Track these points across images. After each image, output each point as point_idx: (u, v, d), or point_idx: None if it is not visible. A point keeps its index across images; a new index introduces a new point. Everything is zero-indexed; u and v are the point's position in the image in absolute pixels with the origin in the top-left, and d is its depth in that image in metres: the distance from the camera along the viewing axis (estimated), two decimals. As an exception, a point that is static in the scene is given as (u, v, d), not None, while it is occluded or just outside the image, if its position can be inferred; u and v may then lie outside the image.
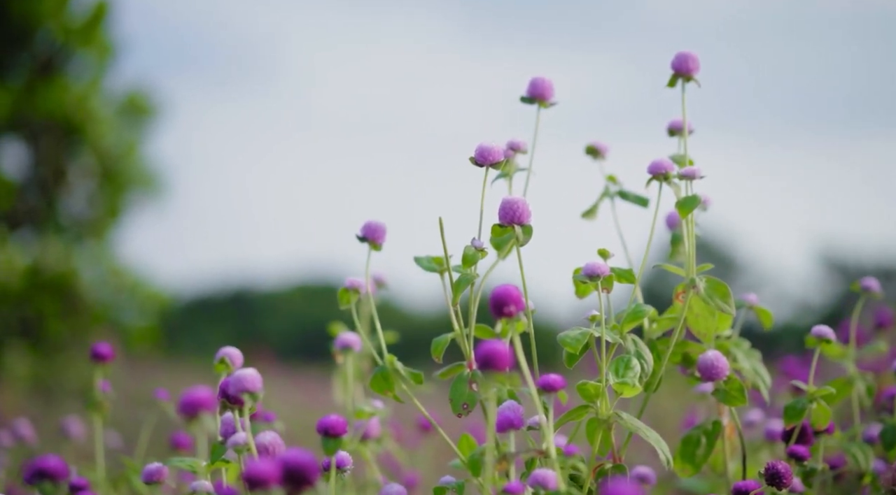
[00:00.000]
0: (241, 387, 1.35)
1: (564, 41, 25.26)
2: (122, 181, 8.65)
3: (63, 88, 8.19)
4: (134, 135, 8.81)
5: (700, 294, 1.52)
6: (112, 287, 8.89)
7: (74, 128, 8.32)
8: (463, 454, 1.59)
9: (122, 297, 9.08)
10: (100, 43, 8.37)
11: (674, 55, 1.59)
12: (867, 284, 1.81)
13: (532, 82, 1.62)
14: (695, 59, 1.58)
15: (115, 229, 8.90)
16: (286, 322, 16.14)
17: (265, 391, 1.42)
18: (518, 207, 1.46)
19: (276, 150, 24.56)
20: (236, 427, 1.44)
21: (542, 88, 1.62)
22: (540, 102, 1.63)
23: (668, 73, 1.59)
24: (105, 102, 8.63)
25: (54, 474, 1.22)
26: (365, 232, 1.60)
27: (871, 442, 1.84)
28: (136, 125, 8.82)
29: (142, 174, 8.85)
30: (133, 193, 8.85)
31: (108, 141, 8.55)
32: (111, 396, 2.00)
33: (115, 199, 8.69)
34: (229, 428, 1.51)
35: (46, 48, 8.38)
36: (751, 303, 1.73)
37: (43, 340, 8.02)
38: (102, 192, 8.68)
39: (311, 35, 27.84)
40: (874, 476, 1.77)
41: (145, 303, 9.17)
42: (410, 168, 23.59)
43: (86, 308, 8.40)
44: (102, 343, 1.99)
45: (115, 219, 8.77)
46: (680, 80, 1.59)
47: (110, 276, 8.81)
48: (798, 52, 22.08)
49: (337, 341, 1.75)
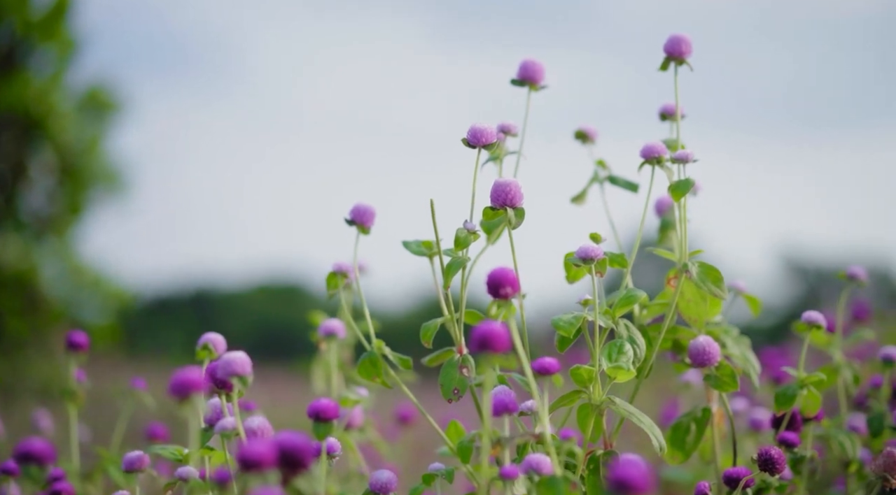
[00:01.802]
0: (230, 371, 1.32)
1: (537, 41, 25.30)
2: (83, 177, 8.53)
3: (24, 83, 8.07)
4: (96, 130, 8.70)
5: (693, 278, 1.51)
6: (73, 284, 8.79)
7: (35, 123, 8.20)
8: (451, 441, 1.57)
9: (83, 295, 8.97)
10: (62, 37, 8.26)
11: (666, 38, 1.57)
12: (854, 272, 1.81)
13: (522, 65, 1.60)
14: (687, 42, 1.57)
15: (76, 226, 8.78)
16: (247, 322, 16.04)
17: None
18: (510, 190, 1.44)
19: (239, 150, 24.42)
20: (223, 412, 1.40)
21: (533, 71, 1.60)
22: (530, 85, 1.61)
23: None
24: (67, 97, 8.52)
25: (41, 457, 1.18)
26: (353, 215, 1.57)
27: (855, 431, 1.83)
28: (99, 120, 8.72)
29: (104, 170, 8.74)
30: (95, 190, 8.74)
31: (70, 136, 8.44)
32: (86, 386, 1.96)
33: (77, 196, 8.57)
34: (214, 415, 1.48)
35: (7, 42, 8.27)
36: (739, 289, 1.72)
37: (2, 338, 7.91)
38: (64, 189, 8.57)
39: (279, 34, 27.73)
40: (860, 464, 1.76)
41: (106, 302, 9.07)
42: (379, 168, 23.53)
43: (46, 306, 8.29)
44: (77, 332, 1.95)
45: (76, 215, 8.65)
46: (672, 63, 1.57)
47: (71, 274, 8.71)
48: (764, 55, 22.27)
49: (321, 328, 1.73)
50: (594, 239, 1.50)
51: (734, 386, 1.53)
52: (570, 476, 1.28)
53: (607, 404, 1.44)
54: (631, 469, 1.01)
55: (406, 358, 1.56)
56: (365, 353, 1.55)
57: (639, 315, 1.61)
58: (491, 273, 1.29)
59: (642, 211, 1.54)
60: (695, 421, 1.63)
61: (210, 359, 1.57)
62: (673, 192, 1.49)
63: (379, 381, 1.55)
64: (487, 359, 1.17)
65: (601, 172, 1.73)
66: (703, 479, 1.96)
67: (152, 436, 2.08)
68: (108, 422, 3.36)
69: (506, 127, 1.57)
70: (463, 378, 1.48)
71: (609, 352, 1.45)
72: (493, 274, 1.28)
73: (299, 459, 1.13)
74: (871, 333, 1.90)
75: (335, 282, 1.59)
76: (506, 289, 1.28)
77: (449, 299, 1.51)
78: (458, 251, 1.47)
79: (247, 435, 1.34)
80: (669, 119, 1.65)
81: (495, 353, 1.18)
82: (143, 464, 1.56)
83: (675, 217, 1.54)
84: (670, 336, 1.61)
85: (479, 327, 1.18)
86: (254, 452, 1.09)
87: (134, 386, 1.99)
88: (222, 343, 1.57)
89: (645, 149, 1.52)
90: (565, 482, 1.24)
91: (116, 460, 1.92)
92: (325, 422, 1.33)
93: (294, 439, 1.13)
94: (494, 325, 1.18)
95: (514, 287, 1.28)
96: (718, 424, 1.69)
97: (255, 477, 1.09)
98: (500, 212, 1.44)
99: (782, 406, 1.59)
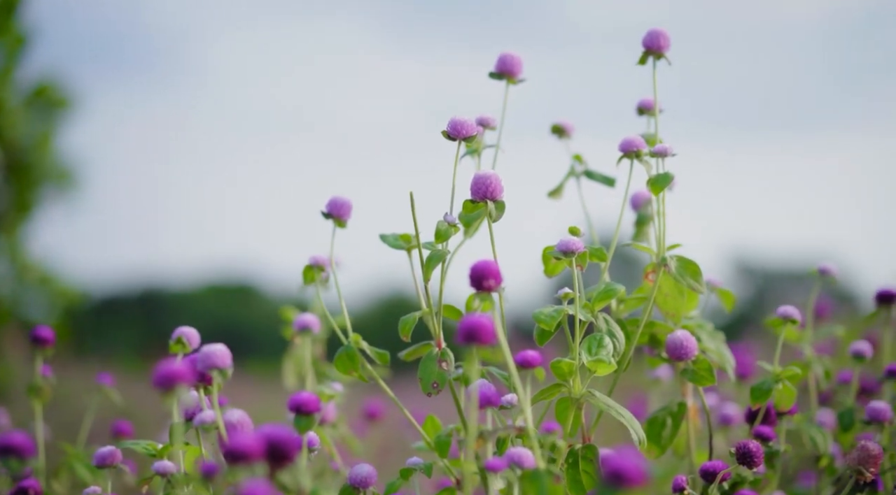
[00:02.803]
0: (209, 364, 1.31)
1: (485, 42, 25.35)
2: (33, 174, 8.42)
3: (-28, 78, 7.96)
4: (46, 127, 8.58)
5: (672, 273, 1.51)
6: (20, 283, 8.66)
7: (-18, 119, 8.09)
8: (429, 435, 1.56)
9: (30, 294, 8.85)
10: (10, 32, 8.14)
11: (645, 32, 1.57)
12: (825, 268, 1.82)
13: (501, 58, 1.60)
14: (665, 37, 1.57)
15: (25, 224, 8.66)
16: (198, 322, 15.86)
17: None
18: (491, 182, 1.43)
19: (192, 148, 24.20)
20: (202, 405, 1.39)
21: (511, 64, 1.60)
22: (508, 78, 1.60)
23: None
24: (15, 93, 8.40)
25: (21, 450, 1.16)
26: (330, 208, 1.56)
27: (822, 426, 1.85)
28: (49, 117, 8.59)
29: (54, 168, 8.62)
30: (45, 187, 8.62)
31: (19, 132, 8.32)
32: (51, 381, 1.93)
33: (26, 193, 8.45)
34: (190, 409, 1.46)
35: (-47, 37, 8.14)
36: (714, 284, 1.72)
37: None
38: (12, 186, 8.45)
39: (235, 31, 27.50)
40: (831, 458, 1.78)
41: (54, 300, 8.95)
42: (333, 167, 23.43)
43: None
44: (43, 326, 1.92)
45: (25, 213, 8.53)
46: (651, 57, 1.58)
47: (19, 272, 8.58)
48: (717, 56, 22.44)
49: (296, 322, 1.71)
50: (573, 232, 1.50)
51: (711, 380, 1.53)
52: (553, 469, 1.27)
53: (587, 398, 1.44)
54: (626, 461, 1.01)
55: (383, 352, 1.55)
56: (342, 347, 1.54)
57: (616, 309, 1.61)
58: (474, 265, 1.28)
59: (621, 205, 1.54)
60: (671, 415, 1.63)
61: (184, 353, 1.55)
62: (652, 186, 1.49)
63: (356, 375, 1.54)
64: (474, 352, 1.17)
65: (578, 167, 1.73)
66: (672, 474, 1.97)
67: (118, 433, 2.05)
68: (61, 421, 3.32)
69: (484, 120, 1.57)
70: (442, 372, 1.47)
71: (589, 345, 1.45)
72: (476, 266, 1.27)
73: (286, 452, 1.12)
74: (841, 329, 1.92)
75: (311, 276, 1.57)
76: (489, 282, 1.27)
77: (428, 293, 1.51)
78: (438, 244, 1.46)
79: (227, 428, 1.32)
80: (647, 113, 1.65)
81: (482, 345, 1.17)
82: (116, 460, 1.54)
83: (653, 211, 1.54)
84: (647, 330, 1.62)
85: (465, 319, 1.17)
86: (242, 444, 1.07)
87: (101, 381, 1.96)
88: (196, 336, 1.56)
89: (624, 143, 1.52)
90: (548, 475, 1.24)
91: (82, 457, 1.90)
92: (306, 416, 1.32)
93: (281, 432, 1.11)
94: (481, 317, 1.18)
95: (497, 279, 1.28)
96: (693, 419, 1.70)
97: (242, 469, 1.08)
98: (481, 204, 1.44)
99: (758, 400, 1.60)
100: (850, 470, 1.53)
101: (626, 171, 1.53)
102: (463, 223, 1.46)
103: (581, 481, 1.45)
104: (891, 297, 1.94)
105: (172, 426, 1.47)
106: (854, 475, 1.52)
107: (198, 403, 1.41)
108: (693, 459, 1.70)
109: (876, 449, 1.52)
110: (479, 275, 1.27)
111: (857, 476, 1.51)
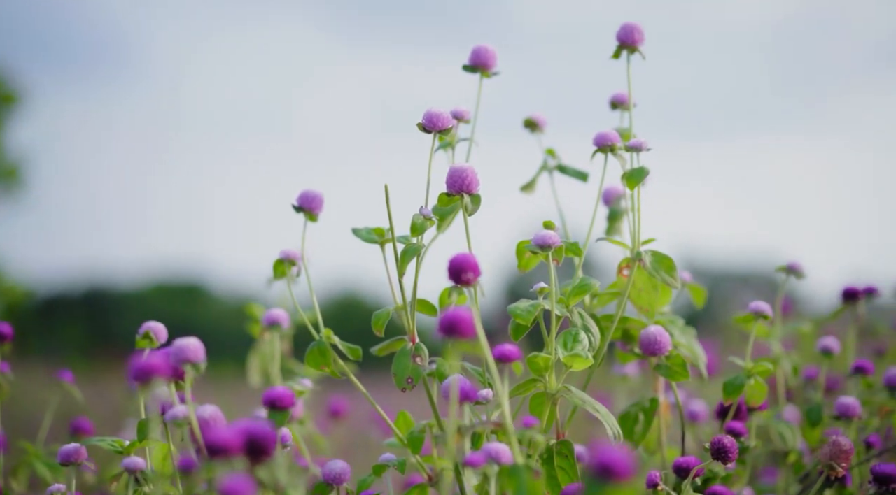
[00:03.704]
0: (183, 358, 1.28)
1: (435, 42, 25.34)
2: (-23, 171, 8.30)
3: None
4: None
5: (647, 268, 1.51)
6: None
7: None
8: (401, 431, 1.55)
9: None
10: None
11: (619, 26, 1.57)
12: (793, 264, 1.82)
13: (475, 51, 1.59)
14: (640, 31, 1.56)
15: (-31, 221, 8.54)
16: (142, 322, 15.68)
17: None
18: (467, 175, 1.42)
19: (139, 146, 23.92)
20: (174, 401, 1.36)
21: (485, 57, 1.58)
22: (482, 72, 1.59)
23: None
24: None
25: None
26: (301, 201, 1.53)
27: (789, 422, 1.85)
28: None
29: (0, 164, 8.51)
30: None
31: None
32: (9, 378, 1.89)
33: (-30, 190, 8.34)
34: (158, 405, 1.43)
35: None
36: (684, 280, 1.72)
37: None
38: (-45, 182, 8.32)
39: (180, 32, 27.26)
40: (799, 454, 1.78)
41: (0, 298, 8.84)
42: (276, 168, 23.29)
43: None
44: (1, 322, 1.88)
45: (-31, 210, 8.41)
46: (625, 51, 1.57)
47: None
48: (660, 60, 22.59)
49: (265, 317, 1.69)
50: (548, 226, 1.49)
51: (685, 375, 1.53)
52: (532, 464, 1.26)
53: (563, 393, 1.43)
54: (613, 454, 1.00)
55: (356, 347, 1.53)
56: (314, 343, 1.52)
57: (588, 304, 1.60)
58: (453, 258, 1.26)
59: (595, 199, 1.54)
60: (643, 411, 1.63)
61: (150, 348, 1.52)
62: (628, 180, 1.49)
63: (328, 371, 1.52)
64: (455, 345, 1.15)
65: (550, 161, 1.72)
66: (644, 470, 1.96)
67: (77, 431, 2.01)
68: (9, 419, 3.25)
69: (458, 113, 1.55)
70: (417, 367, 1.46)
71: (565, 340, 1.44)
72: (455, 259, 1.26)
73: (264, 447, 1.10)
74: (808, 325, 1.93)
75: (282, 270, 1.55)
76: (468, 275, 1.26)
77: (402, 287, 1.49)
78: (413, 237, 1.45)
79: (199, 424, 1.29)
80: (620, 108, 1.65)
81: (462, 339, 1.16)
82: (81, 457, 1.51)
83: (628, 206, 1.54)
84: (620, 325, 1.61)
85: (446, 313, 1.16)
86: (222, 438, 1.05)
87: (61, 378, 1.92)
88: (163, 331, 1.53)
89: (598, 137, 1.51)
90: (528, 471, 1.22)
91: (41, 455, 1.86)
92: (281, 411, 1.30)
93: (261, 427, 1.09)
94: (462, 311, 1.16)
95: (476, 272, 1.27)
96: (664, 415, 1.70)
97: (221, 464, 1.06)
98: (456, 198, 1.42)
99: (731, 395, 1.59)
100: (821, 466, 1.53)
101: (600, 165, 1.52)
102: (437, 216, 1.44)
103: (556, 477, 1.44)
104: (856, 294, 1.95)
105: (142, 422, 1.44)
106: (826, 470, 1.52)
107: (168, 399, 1.38)
108: (664, 455, 1.69)
109: (847, 444, 1.52)
110: (459, 269, 1.26)
111: (829, 471, 1.52)
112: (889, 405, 1.76)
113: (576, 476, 1.42)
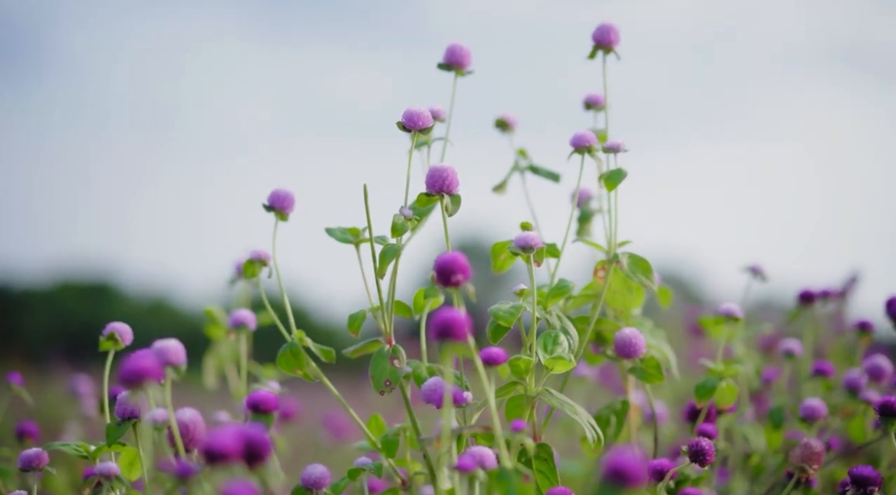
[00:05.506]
0: (164, 360, 1.23)
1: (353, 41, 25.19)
2: None
3: None
4: None
5: (624, 269, 1.50)
6: None
7: None
8: (374, 434, 1.52)
9: None
10: None
11: (595, 27, 1.56)
12: (755, 266, 1.83)
13: (449, 49, 1.56)
14: (616, 31, 1.56)
15: None
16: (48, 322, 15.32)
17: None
18: (447, 175, 1.40)
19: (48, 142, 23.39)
20: (150, 405, 1.31)
21: (460, 55, 1.56)
22: (457, 70, 1.57)
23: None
24: None
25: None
26: (272, 200, 1.50)
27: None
28: None
29: None
30: None
31: None
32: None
33: None
34: (125, 408, 1.38)
35: None
36: (653, 282, 1.72)
37: None
38: None
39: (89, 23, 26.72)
40: (762, 455, 1.79)
41: None
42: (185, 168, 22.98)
43: None
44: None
45: None
46: (601, 51, 1.56)
47: None
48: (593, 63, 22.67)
49: (231, 318, 1.65)
50: (525, 228, 1.48)
51: (660, 377, 1.53)
52: (522, 468, 1.25)
53: (543, 395, 1.42)
54: (627, 459, 0.98)
55: (329, 349, 1.49)
56: (286, 344, 1.48)
57: (563, 306, 1.59)
58: (440, 259, 1.24)
59: (573, 201, 1.53)
60: (615, 413, 1.62)
61: (115, 350, 1.48)
62: (606, 182, 1.48)
63: (301, 373, 1.49)
64: (449, 348, 1.13)
65: (522, 162, 1.71)
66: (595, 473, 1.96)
67: (24, 435, 1.94)
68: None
69: (435, 112, 1.53)
70: (395, 369, 1.43)
71: (545, 342, 1.42)
72: (443, 260, 1.23)
73: (260, 452, 1.07)
74: (770, 327, 1.94)
75: (252, 270, 1.51)
76: (457, 277, 1.23)
77: (379, 288, 1.46)
78: (393, 238, 1.42)
79: (179, 428, 1.25)
80: (594, 108, 1.64)
81: (456, 342, 1.14)
82: (42, 462, 1.46)
83: (604, 207, 1.53)
84: (594, 327, 1.60)
85: (438, 315, 1.14)
86: (220, 444, 1.02)
87: (10, 380, 1.86)
88: (129, 332, 1.48)
89: (575, 138, 1.50)
90: (517, 475, 1.21)
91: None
92: (265, 414, 1.26)
93: (257, 432, 1.06)
94: (454, 313, 1.14)
95: (465, 274, 1.24)
96: (633, 416, 1.69)
97: (219, 469, 1.02)
98: (435, 198, 1.40)
99: (703, 398, 1.60)
100: (792, 468, 1.54)
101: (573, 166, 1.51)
102: (416, 216, 1.42)
103: (536, 480, 1.42)
104: (811, 297, 1.97)
105: (110, 426, 1.40)
106: (797, 472, 1.53)
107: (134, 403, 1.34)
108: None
109: (819, 446, 1.53)
110: (448, 270, 1.23)
111: (800, 473, 1.52)
112: (849, 406, 1.78)
113: (556, 479, 1.41)
